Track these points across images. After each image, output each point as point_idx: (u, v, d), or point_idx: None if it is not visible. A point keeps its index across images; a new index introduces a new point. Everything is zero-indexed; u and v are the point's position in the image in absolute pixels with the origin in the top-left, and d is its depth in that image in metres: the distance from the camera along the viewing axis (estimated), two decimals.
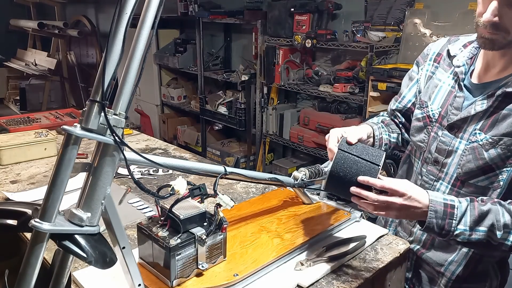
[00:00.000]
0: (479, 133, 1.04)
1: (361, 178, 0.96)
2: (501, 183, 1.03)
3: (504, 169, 1.02)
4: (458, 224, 0.97)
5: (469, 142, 1.06)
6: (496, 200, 1.01)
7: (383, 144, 1.27)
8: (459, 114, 1.08)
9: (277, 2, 3.24)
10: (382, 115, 1.39)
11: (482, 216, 0.97)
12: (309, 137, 3.18)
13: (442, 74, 1.18)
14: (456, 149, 1.09)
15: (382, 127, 1.29)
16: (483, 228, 0.97)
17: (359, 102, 2.79)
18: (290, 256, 1.06)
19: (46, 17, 6.16)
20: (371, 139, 1.24)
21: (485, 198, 1.02)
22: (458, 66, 1.12)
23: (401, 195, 0.94)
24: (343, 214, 1.25)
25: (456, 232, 0.97)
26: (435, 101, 1.16)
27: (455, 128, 1.10)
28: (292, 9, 3.05)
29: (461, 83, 1.11)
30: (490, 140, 1.02)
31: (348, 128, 1.15)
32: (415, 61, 1.30)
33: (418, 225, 1.02)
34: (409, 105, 1.29)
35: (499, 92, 1.01)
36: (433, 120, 1.16)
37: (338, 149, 1.03)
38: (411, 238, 1.23)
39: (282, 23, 3.16)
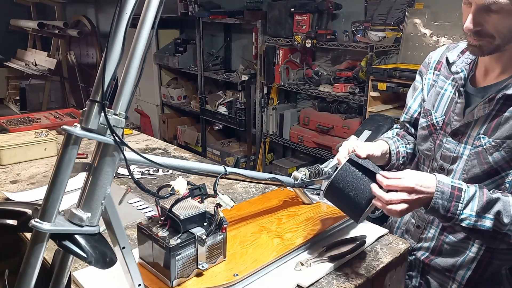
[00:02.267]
0: (483, 137, 1.04)
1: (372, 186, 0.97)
2: (507, 185, 1.02)
3: (510, 171, 1.02)
4: (464, 208, 0.95)
5: (474, 147, 1.06)
6: (506, 193, 1.00)
7: (401, 157, 1.27)
8: (462, 120, 1.08)
9: (277, 2, 3.24)
10: (396, 127, 1.39)
11: (490, 203, 0.95)
12: (309, 137, 3.18)
13: (444, 82, 1.18)
14: (461, 155, 1.09)
15: (398, 140, 1.29)
16: (490, 216, 0.95)
17: (359, 102, 2.79)
18: (290, 256, 1.06)
19: (46, 17, 6.17)
20: (387, 156, 1.24)
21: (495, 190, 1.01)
22: (457, 73, 1.13)
23: (410, 191, 0.94)
24: (343, 214, 1.25)
25: (462, 217, 0.95)
26: (438, 109, 1.17)
27: (459, 134, 1.10)
28: (292, 9, 3.05)
29: (460, 89, 1.11)
30: (493, 143, 1.02)
31: (361, 143, 1.16)
32: (418, 71, 1.30)
33: (423, 208, 1.00)
34: (415, 115, 1.29)
35: (499, 95, 1.01)
36: (438, 128, 1.16)
37: (346, 161, 1.02)
38: (419, 245, 1.22)
39: (282, 23, 3.16)
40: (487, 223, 0.96)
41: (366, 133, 1.51)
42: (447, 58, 1.18)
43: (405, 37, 2.70)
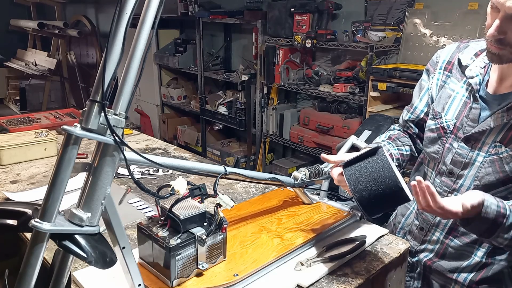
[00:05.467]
0: (499, 146, 1.02)
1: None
2: None
3: None
4: (505, 233, 0.97)
5: (489, 155, 1.04)
6: None
7: (394, 159, 1.22)
8: (478, 127, 1.06)
9: (277, 2, 3.24)
10: (393, 129, 1.35)
11: None
12: (309, 137, 3.18)
13: (455, 84, 1.14)
14: (474, 161, 1.07)
15: (389, 143, 1.25)
16: None
17: (359, 102, 2.79)
18: (290, 256, 1.06)
19: (46, 17, 6.17)
20: None
21: None
22: (472, 77, 1.09)
23: (454, 215, 0.94)
24: (343, 214, 1.25)
25: (497, 239, 0.99)
26: (449, 112, 1.13)
27: (472, 140, 1.07)
28: (292, 9, 3.05)
29: (476, 94, 1.08)
30: (510, 153, 1.00)
31: (344, 154, 1.14)
32: (424, 69, 1.26)
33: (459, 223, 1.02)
34: (422, 115, 1.25)
35: None
36: (448, 131, 1.13)
37: (344, 168, 0.99)
38: (422, 247, 1.21)
39: (282, 23, 3.16)
40: None
41: (366, 133, 1.51)
42: (459, 59, 1.14)
43: (405, 37, 2.70)
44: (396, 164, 1.23)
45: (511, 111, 1.00)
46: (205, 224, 0.93)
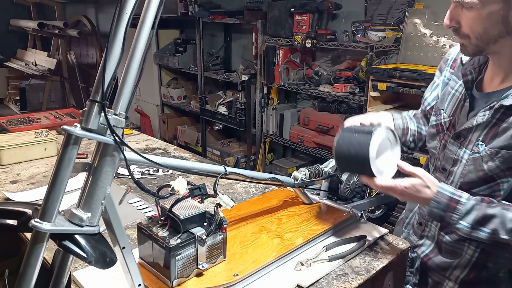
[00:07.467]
0: (481, 144, 1.03)
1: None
2: (502, 192, 1.02)
3: (505, 179, 1.01)
4: (460, 219, 0.99)
5: (472, 153, 1.05)
6: (508, 204, 0.99)
7: (410, 134, 1.28)
8: (464, 124, 1.07)
9: (277, 2, 3.24)
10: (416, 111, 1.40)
11: (486, 218, 0.98)
12: (309, 137, 3.18)
13: (455, 82, 1.17)
14: (461, 158, 1.08)
15: (410, 119, 1.29)
16: (486, 229, 0.98)
17: (359, 102, 2.79)
18: (290, 256, 1.06)
19: (46, 17, 6.17)
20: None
21: (496, 200, 1.01)
22: (466, 75, 1.11)
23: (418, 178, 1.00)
24: (343, 214, 1.25)
25: (457, 226, 1.00)
26: (447, 109, 1.16)
27: (461, 137, 1.09)
28: (292, 9, 3.05)
29: (467, 92, 1.10)
30: (488, 152, 1.01)
31: (364, 115, 1.17)
32: (438, 66, 1.28)
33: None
34: (428, 108, 1.28)
35: (497, 105, 0.99)
36: (445, 128, 1.15)
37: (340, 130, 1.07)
38: (420, 242, 1.22)
39: (282, 23, 3.16)
40: (482, 235, 0.99)
41: None
42: (461, 58, 1.16)
43: (405, 37, 2.70)
44: (412, 139, 1.30)
45: (491, 111, 1.01)
46: (205, 224, 0.93)
